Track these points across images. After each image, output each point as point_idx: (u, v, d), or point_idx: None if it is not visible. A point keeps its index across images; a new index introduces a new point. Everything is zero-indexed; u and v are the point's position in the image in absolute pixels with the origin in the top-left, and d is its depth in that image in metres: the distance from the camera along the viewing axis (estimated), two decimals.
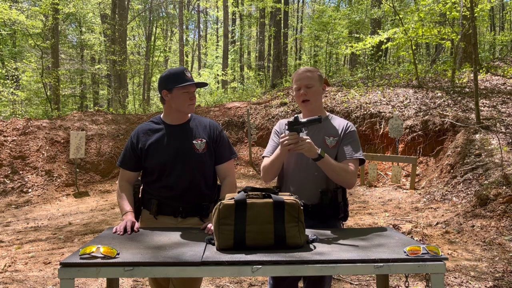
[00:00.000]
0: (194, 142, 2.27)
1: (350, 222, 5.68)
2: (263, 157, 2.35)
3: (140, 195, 2.36)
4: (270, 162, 2.25)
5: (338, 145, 2.24)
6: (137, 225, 2.11)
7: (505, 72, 11.06)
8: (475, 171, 6.40)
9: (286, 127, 2.08)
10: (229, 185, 2.32)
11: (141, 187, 2.39)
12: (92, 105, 23.78)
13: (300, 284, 2.35)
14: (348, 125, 2.29)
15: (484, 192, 5.56)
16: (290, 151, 2.08)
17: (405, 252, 1.64)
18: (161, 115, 2.37)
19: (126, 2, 18.73)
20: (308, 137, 2.05)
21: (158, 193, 2.28)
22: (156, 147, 2.26)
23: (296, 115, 2.09)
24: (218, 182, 2.46)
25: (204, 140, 2.29)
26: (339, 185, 2.23)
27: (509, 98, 9.12)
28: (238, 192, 1.83)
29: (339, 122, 2.31)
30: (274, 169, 2.25)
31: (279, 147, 2.16)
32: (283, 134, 2.09)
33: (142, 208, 2.36)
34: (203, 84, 2.36)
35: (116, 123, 11.57)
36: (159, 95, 2.31)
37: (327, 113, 2.37)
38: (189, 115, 2.37)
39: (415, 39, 10.98)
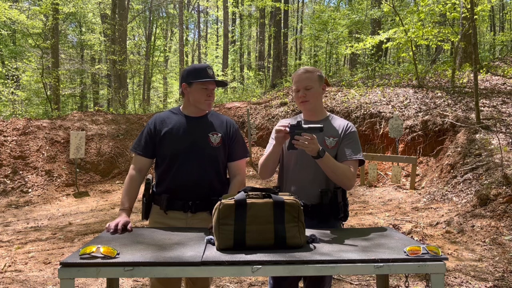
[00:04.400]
0: (209, 135, 2.30)
1: (350, 222, 5.68)
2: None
3: (151, 191, 2.35)
4: (265, 158, 2.26)
5: (338, 146, 2.23)
6: (130, 224, 2.11)
7: (505, 72, 11.06)
8: (475, 171, 6.40)
9: (288, 129, 2.08)
10: (238, 185, 2.32)
11: (153, 183, 2.39)
12: (92, 105, 23.80)
13: (300, 284, 2.35)
14: (348, 126, 2.28)
15: (484, 192, 5.56)
16: (296, 147, 2.06)
17: (405, 252, 1.64)
18: (180, 107, 2.41)
19: (126, 2, 18.73)
20: (313, 140, 2.02)
21: (170, 183, 2.28)
22: (171, 135, 2.29)
23: (299, 120, 2.08)
24: None
25: (219, 135, 2.32)
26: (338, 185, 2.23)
27: (509, 98, 9.12)
28: (238, 192, 1.83)
29: (339, 123, 2.30)
30: (269, 164, 2.24)
31: (274, 143, 2.17)
32: (279, 125, 2.10)
33: (153, 204, 2.36)
34: (223, 84, 2.41)
35: (116, 123, 11.57)
36: (180, 88, 2.36)
37: (328, 113, 2.36)
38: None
39: (415, 40, 10.98)
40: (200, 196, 2.27)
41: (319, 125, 2.06)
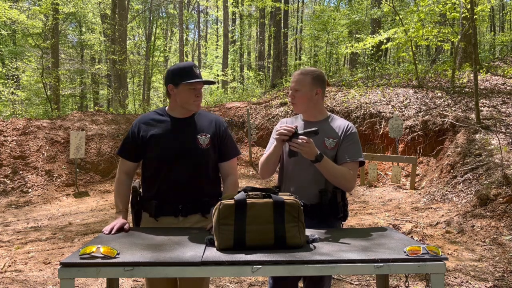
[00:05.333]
0: (198, 136, 2.23)
1: (350, 222, 5.68)
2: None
3: (138, 198, 2.29)
4: (266, 157, 2.26)
5: (337, 147, 2.22)
6: (126, 225, 2.09)
7: (505, 72, 11.06)
8: (475, 171, 6.40)
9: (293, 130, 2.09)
10: (232, 185, 2.29)
11: (140, 189, 2.33)
12: (92, 105, 23.80)
13: (300, 284, 2.35)
14: (348, 127, 2.26)
15: (484, 192, 5.56)
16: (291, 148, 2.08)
17: (405, 252, 1.64)
18: (166, 108, 2.33)
19: (126, 2, 18.73)
20: (310, 143, 2.04)
21: (159, 187, 2.22)
22: (158, 138, 2.21)
23: (296, 126, 2.09)
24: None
25: (208, 135, 2.25)
26: None
27: (509, 98, 9.12)
28: (238, 192, 1.83)
29: (339, 124, 2.29)
30: (270, 163, 2.25)
31: (275, 143, 2.18)
32: (279, 127, 2.11)
33: (142, 212, 2.30)
34: (211, 82, 2.35)
35: (116, 123, 11.57)
36: (165, 88, 2.27)
37: (328, 114, 2.36)
38: None
39: (415, 40, 10.98)
40: (190, 199, 2.22)
41: (314, 129, 2.07)
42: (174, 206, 2.21)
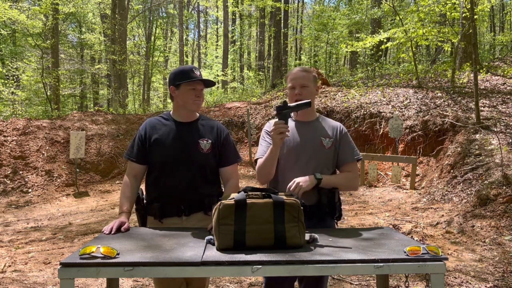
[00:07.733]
0: (199, 141, 2.28)
1: (351, 222, 5.68)
2: (256, 159, 2.30)
3: (142, 204, 2.33)
4: (264, 162, 2.21)
5: (334, 147, 2.26)
6: (125, 225, 2.10)
7: (505, 72, 11.05)
8: (475, 171, 6.40)
9: (275, 112, 2.09)
10: (232, 188, 2.32)
11: (143, 195, 2.36)
12: (92, 105, 23.80)
13: (297, 284, 2.35)
14: (341, 128, 2.34)
15: (484, 192, 5.56)
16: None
17: (405, 252, 1.64)
18: (170, 112, 2.40)
19: (126, 2, 18.72)
20: (299, 180, 2.08)
21: (160, 190, 2.27)
22: (162, 142, 2.27)
23: (285, 100, 2.11)
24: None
25: (210, 141, 2.30)
26: None
27: (509, 98, 9.12)
28: (238, 192, 1.83)
29: (331, 124, 2.34)
30: (268, 168, 2.22)
31: (271, 147, 2.16)
32: (273, 124, 2.09)
33: (147, 216, 2.34)
34: (211, 83, 2.36)
35: (116, 123, 11.57)
36: (169, 91, 2.35)
37: (317, 114, 2.38)
38: (198, 114, 2.39)
39: (415, 40, 10.98)
40: (191, 199, 2.27)
41: (307, 101, 2.10)
42: (177, 207, 2.27)
